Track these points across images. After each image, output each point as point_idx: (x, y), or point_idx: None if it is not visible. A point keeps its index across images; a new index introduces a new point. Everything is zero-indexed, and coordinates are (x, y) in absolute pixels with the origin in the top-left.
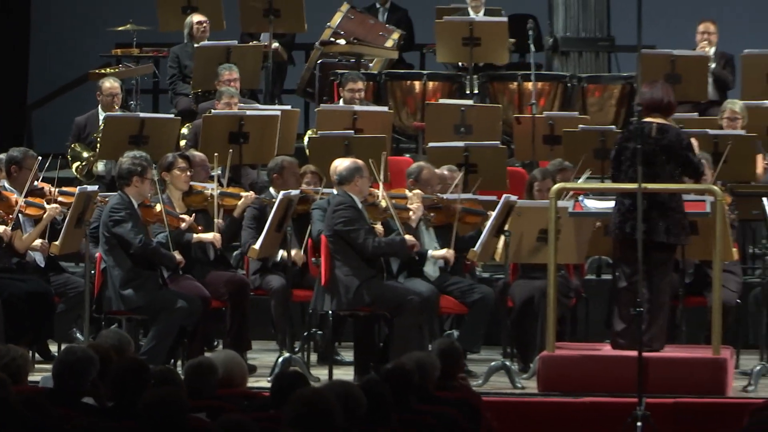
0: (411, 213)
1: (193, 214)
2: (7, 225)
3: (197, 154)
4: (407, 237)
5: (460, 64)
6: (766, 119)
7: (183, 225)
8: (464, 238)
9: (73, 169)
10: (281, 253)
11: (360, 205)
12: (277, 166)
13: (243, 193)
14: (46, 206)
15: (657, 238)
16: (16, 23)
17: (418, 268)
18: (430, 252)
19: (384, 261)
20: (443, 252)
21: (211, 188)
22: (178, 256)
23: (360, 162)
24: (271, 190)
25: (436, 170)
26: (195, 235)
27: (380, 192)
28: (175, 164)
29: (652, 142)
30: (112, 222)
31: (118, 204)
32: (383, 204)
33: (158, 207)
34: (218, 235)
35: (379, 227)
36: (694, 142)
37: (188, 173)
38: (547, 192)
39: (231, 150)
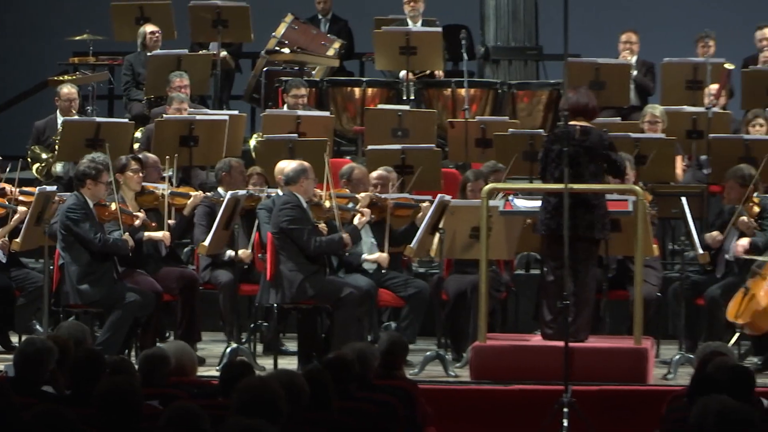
0: (362, 216)
1: (143, 212)
2: None
3: (150, 156)
4: (344, 235)
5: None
6: (685, 123)
7: (137, 222)
8: (398, 231)
9: (33, 170)
10: (229, 253)
11: (305, 205)
12: (226, 165)
13: (192, 193)
14: (19, 209)
15: (581, 232)
16: None
17: (357, 264)
18: (364, 256)
19: (326, 257)
20: (376, 256)
21: (163, 188)
22: (130, 241)
23: (306, 164)
24: (220, 189)
25: (373, 172)
26: (146, 234)
27: (323, 192)
28: (129, 166)
29: (575, 144)
30: (70, 221)
31: (74, 204)
32: (327, 204)
33: (113, 206)
34: (167, 234)
35: (323, 226)
36: None
37: (141, 174)
38: (479, 192)
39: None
